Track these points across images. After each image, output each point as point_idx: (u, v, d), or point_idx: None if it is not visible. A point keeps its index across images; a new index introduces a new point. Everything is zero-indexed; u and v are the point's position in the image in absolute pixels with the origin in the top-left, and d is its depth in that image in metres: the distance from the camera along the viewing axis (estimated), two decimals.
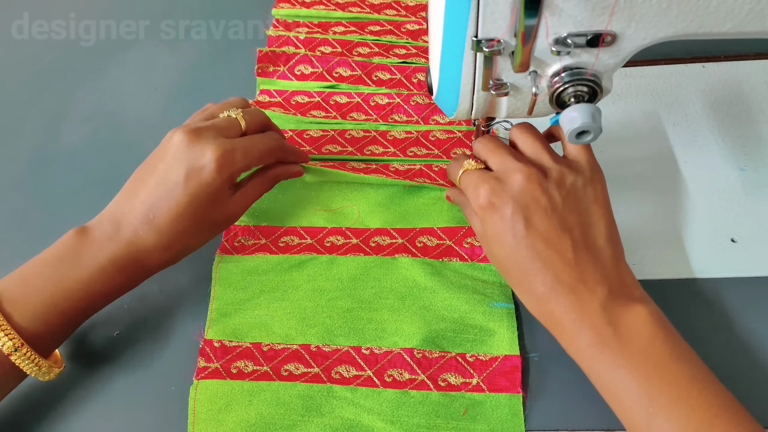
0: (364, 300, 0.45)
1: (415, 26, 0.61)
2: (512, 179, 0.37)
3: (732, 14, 0.33)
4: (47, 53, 0.64)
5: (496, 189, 0.37)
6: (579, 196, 0.38)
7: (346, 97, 0.56)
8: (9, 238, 0.51)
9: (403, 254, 0.46)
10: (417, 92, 0.55)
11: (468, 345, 0.42)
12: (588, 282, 0.36)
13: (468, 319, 0.43)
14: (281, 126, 0.54)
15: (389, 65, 0.57)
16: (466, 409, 0.40)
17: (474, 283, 0.45)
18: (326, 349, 0.43)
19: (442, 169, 0.51)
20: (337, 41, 0.59)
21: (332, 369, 0.42)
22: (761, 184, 0.48)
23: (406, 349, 0.42)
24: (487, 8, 0.32)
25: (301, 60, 0.57)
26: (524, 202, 0.37)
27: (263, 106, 0.56)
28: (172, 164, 0.41)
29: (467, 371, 0.41)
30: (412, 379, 0.41)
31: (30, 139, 0.57)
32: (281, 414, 0.40)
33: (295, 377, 0.42)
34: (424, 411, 0.40)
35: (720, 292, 0.44)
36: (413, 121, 0.54)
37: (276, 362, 0.42)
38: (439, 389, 0.41)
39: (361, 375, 0.41)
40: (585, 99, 0.36)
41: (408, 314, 0.44)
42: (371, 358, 0.42)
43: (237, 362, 0.42)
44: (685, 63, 0.55)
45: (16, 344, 0.37)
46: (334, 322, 0.44)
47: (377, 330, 0.43)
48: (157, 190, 0.41)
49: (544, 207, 0.37)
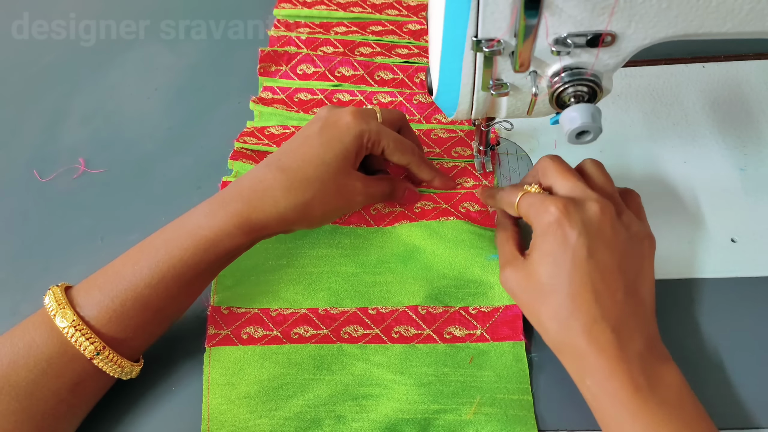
0: (367, 264, 0.46)
1: (417, 26, 0.61)
2: (587, 205, 0.37)
3: (732, 14, 0.33)
4: (47, 53, 0.64)
5: (569, 209, 0.37)
6: (637, 245, 0.38)
7: (348, 95, 0.56)
8: (9, 238, 0.51)
9: (403, 221, 0.47)
10: (419, 91, 0.56)
11: (469, 299, 0.44)
12: (629, 327, 0.35)
13: (467, 274, 0.45)
14: (283, 122, 0.54)
15: (391, 65, 0.57)
16: (472, 358, 0.41)
17: (470, 237, 0.46)
18: (334, 312, 0.44)
19: (441, 166, 0.51)
20: (339, 41, 0.59)
21: (341, 329, 0.43)
22: (761, 184, 0.48)
23: (410, 306, 0.44)
24: (487, 8, 0.32)
25: (304, 59, 0.57)
26: (593, 230, 0.36)
27: (266, 103, 0.56)
28: (310, 123, 0.43)
29: (471, 323, 0.43)
30: (418, 334, 0.42)
31: (30, 140, 0.57)
32: (293, 374, 0.41)
33: (305, 339, 0.43)
34: (431, 361, 0.41)
35: (720, 292, 0.44)
36: (415, 120, 0.54)
37: (285, 326, 0.43)
38: (444, 341, 0.42)
39: (369, 333, 0.43)
40: (585, 99, 0.36)
41: (410, 276, 0.45)
42: (378, 318, 0.43)
43: (247, 328, 0.43)
44: (685, 63, 0.55)
45: (97, 348, 0.36)
46: (340, 286, 0.45)
47: (382, 292, 0.45)
48: (292, 142, 0.43)
49: (610, 242, 0.37)
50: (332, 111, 0.44)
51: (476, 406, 0.40)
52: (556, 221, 0.36)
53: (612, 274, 0.36)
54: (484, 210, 0.48)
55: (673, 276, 0.44)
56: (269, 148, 0.52)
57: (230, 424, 0.40)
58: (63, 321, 0.36)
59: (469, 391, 0.40)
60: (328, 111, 0.44)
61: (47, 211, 0.52)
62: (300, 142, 0.42)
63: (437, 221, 0.47)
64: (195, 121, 0.57)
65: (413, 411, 0.39)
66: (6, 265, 0.49)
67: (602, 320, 0.35)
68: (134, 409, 0.41)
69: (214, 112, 0.57)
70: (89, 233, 0.50)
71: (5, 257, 0.50)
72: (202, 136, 0.55)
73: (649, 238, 0.40)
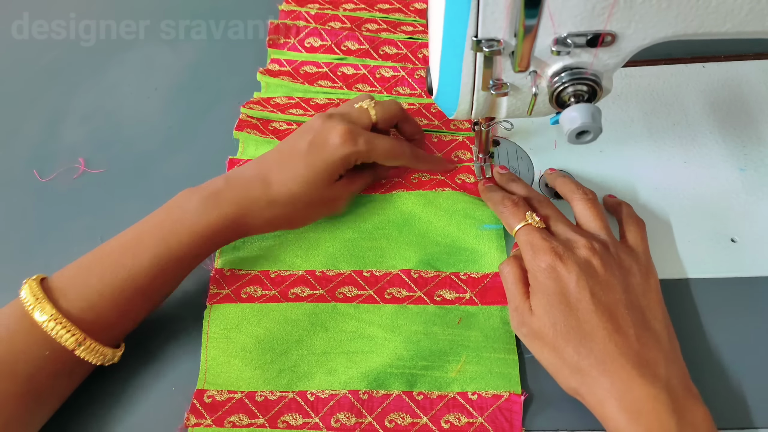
0: (364, 230, 0.48)
1: (423, 5, 0.62)
2: (577, 251, 0.38)
3: (732, 14, 0.33)
4: (47, 53, 0.64)
5: (562, 255, 0.37)
6: (636, 281, 0.39)
7: (352, 68, 0.58)
8: (9, 238, 0.51)
9: (400, 190, 0.49)
10: (421, 66, 0.57)
11: (461, 265, 0.46)
12: (651, 362, 0.35)
13: (460, 242, 0.46)
14: (289, 93, 0.56)
15: (396, 40, 0.59)
16: (461, 319, 0.43)
17: (464, 207, 0.47)
18: (330, 274, 0.46)
19: (440, 139, 0.52)
20: (347, 17, 0.61)
21: (336, 290, 0.45)
22: (761, 184, 0.48)
23: (403, 270, 0.45)
24: (487, 8, 0.32)
25: (311, 33, 0.59)
26: (588, 272, 0.37)
27: (273, 75, 0.58)
28: (299, 136, 0.44)
29: (461, 287, 0.45)
30: (409, 296, 0.44)
31: (30, 139, 0.57)
32: (289, 330, 0.43)
33: (302, 298, 0.45)
34: (421, 320, 0.43)
35: (720, 292, 0.44)
36: (416, 94, 0.56)
37: (283, 287, 0.45)
38: (434, 303, 0.44)
39: (363, 294, 0.45)
40: (585, 99, 0.36)
41: (405, 241, 0.47)
42: (372, 280, 0.45)
43: (247, 288, 0.45)
44: (685, 63, 0.55)
45: (78, 339, 0.37)
46: (337, 249, 0.47)
47: (377, 256, 0.46)
48: (279, 155, 0.44)
49: (606, 282, 0.37)
50: (324, 125, 0.44)
51: (462, 364, 0.41)
52: (551, 267, 0.37)
53: (619, 311, 0.36)
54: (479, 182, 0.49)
55: (673, 276, 0.44)
56: (274, 115, 0.54)
57: (226, 374, 0.42)
58: (42, 315, 0.37)
59: (456, 350, 0.42)
60: (321, 124, 0.44)
61: (47, 211, 0.52)
62: (287, 156, 0.44)
63: (433, 191, 0.48)
64: (195, 121, 0.57)
65: (401, 366, 0.41)
66: (6, 265, 0.49)
67: (620, 356, 0.34)
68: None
69: (214, 112, 0.57)
70: (89, 233, 0.50)
71: (5, 257, 0.50)
72: (202, 136, 0.55)
73: (648, 268, 0.40)
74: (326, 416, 0.40)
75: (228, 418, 0.40)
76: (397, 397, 0.40)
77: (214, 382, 0.42)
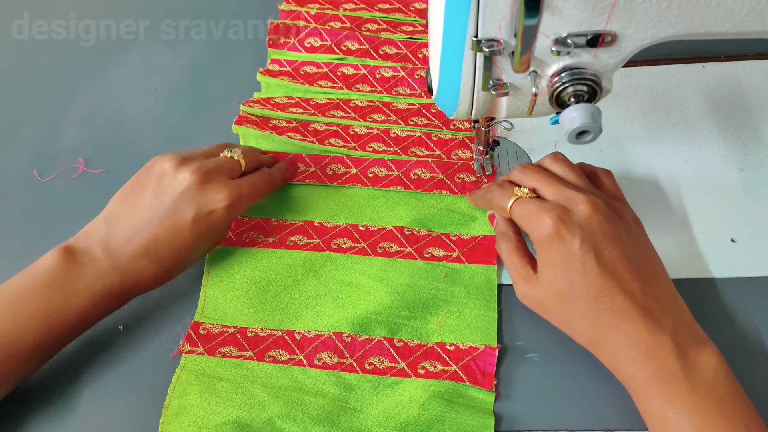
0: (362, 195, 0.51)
1: (423, 5, 0.62)
2: (578, 209, 0.37)
3: (732, 14, 0.33)
4: (47, 53, 0.64)
5: (563, 218, 0.37)
6: (634, 230, 0.39)
7: (352, 68, 0.58)
8: (9, 238, 0.51)
9: (398, 186, 0.50)
10: (421, 66, 0.58)
11: (452, 227, 0.48)
12: (656, 311, 0.36)
13: (454, 207, 0.49)
14: (289, 93, 0.57)
15: (396, 40, 0.59)
16: (446, 275, 0.45)
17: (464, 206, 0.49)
18: (327, 225, 0.49)
19: (440, 138, 0.53)
20: (347, 17, 0.61)
21: (331, 241, 0.48)
22: (761, 184, 0.48)
23: (397, 227, 0.48)
24: (487, 8, 0.32)
25: (311, 33, 0.59)
26: (591, 231, 0.37)
27: (273, 75, 0.58)
28: (181, 204, 0.42)
29: (449, 246, 0.47)
30: (400, 251, 0.47)
31: (30, 139, 0.57)
32: (284, 274, 0.46)
33: (299, 246, 0.48)
34: (408, 273, 0.45)
35: (720, 292, 0.44)
36: (416, 94, 0.56)
37: (282, 235, 0.48)
38: (423, 259, 0.46)
39: (356, 246, 0.48)
40: (585, 99, 0.36)
41: (401, 202, 0.50)
42: (366, 234, 0.48)
43: (249, 233, 0.48)
44: (685, 63, 0.55)
45: None
46: (336, 204, 0.50)
47: (373, 213, 0.49)
48: (161, 226, 0.42)
49: (611, 237, 0.37)
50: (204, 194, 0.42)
51: (443, 317, 0.44)
52: (555, 234, 0.37)
53: (624, 266, 0.36)
54: (478, 180, 0.50)
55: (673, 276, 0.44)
56: (273, 113, 0.54)
57: (221, 310, 0.45)
58: None
59: (438, 304, 0.44)
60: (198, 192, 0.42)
61: (47, 211, 0.52)
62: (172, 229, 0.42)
63: (431, 194, 0.50)
64: (195, 121, 0.57)
65: (385, 314, 0.44)
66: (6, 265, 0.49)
67: (627, 311, 0.36)
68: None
69: (214, 112, 0.57)
70: None
71: (5, 257, 0.50)
72: (202, 136, 0.55)
73: (637, 220, 0.40)
74: (310, 354, 0.43)
75: (219, 348, 0.43)
76: (378, 342, 0.43)
77: (210, 316, 0.45)
